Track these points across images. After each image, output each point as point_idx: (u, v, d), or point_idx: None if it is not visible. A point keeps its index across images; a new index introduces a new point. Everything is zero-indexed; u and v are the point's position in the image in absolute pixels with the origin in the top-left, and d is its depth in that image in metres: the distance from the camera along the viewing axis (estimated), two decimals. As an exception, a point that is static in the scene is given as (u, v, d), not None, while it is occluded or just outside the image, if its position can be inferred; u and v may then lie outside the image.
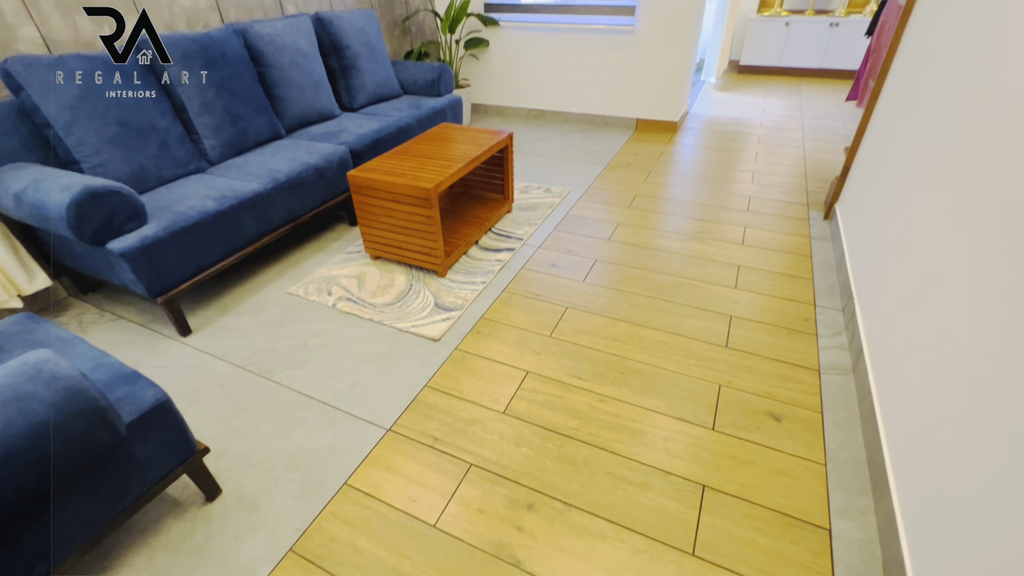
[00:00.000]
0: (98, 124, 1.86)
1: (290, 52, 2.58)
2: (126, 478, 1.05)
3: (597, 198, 2.84)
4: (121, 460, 1.03)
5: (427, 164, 2.09)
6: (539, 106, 4.22)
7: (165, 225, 1.75)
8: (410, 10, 3.91)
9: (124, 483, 1.06)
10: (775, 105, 4.49)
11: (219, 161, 2.29)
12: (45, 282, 1.97)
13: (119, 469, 1.03)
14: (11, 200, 1.67)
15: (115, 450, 1.01)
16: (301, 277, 2.22)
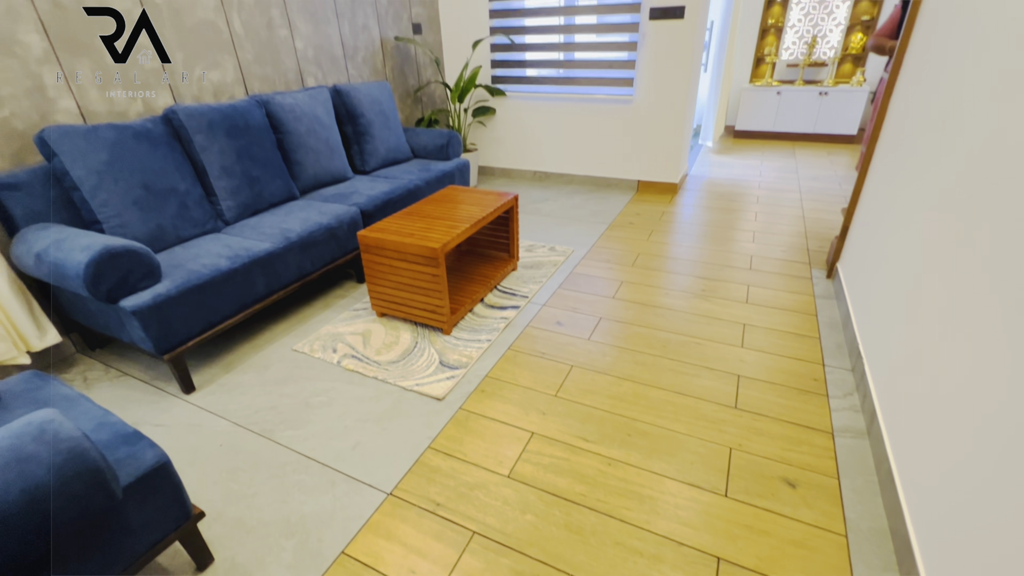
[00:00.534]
0: (123, 187, 1.95)
1: (308, 120, 2.74)
2: (117, 544, 1.02)
3: (601, 257, 2.89)
4: (114, 525, 1.00)
5: (435, 224, 2.16)
6: (543, 168, 4.39)
7: (178, 283, 1.79)
8: (422, 82, 4.17)
9: (115, 549, 1.02)
10: (771, 168, 4.65)
11: (235, 221, 2.38)
12: (55, 338, 1.99)
13: (110, 534, 1.00)
14: (32, 259, 1.73)
15: (109, 514, 0.98)
16: (307, 334, 2.23)
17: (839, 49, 5.42)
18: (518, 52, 4.05)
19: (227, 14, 2.56)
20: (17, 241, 1.80)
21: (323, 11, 3.12)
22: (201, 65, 2.49)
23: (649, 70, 3.62)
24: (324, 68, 3.21)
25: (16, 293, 1.86)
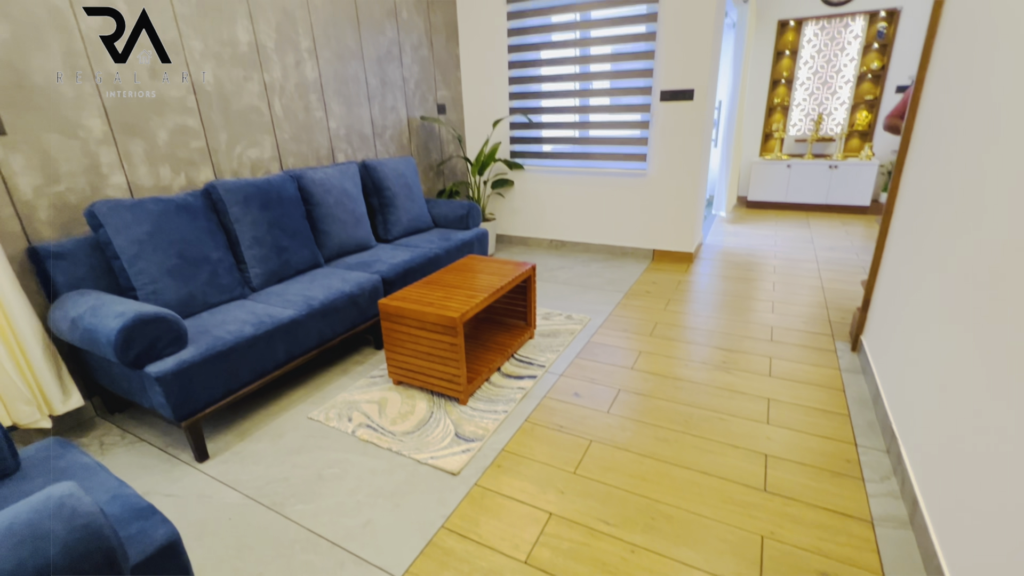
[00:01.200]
0: (160, 257, 2.05)
1: (337, 193, 2.89)
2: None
3: (618, 325, 2.89)
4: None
5: (454, 294, 2.20)
6: (560, 237, 4.49)
7: (203, 350, 1.83)
8: (445, 156, 4.41)
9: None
10: (786, 237, 4.69)
11: (261, 288, 2.45)
12: (78, 402, 2.02)
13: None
14: (67, 324, 1.79)
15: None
16: (323, 401, 2.22)
17: (845, 125, 5.63)
18: (535, 129, 4.29)
19: (270, 99, 2.79)
20: (56, 307, 1.88)
21: (356, 95, 3.38)
22: (243, 144, 2.68)
23: (661, 146, 3.79)
24: (354, 145, 3.43)
25: (47, 357, 1.91)
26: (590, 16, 3.85)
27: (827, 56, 5.53)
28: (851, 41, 5.39)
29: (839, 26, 5.39)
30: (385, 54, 3.57)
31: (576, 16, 3.87)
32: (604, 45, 3.80)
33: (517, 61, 4.15)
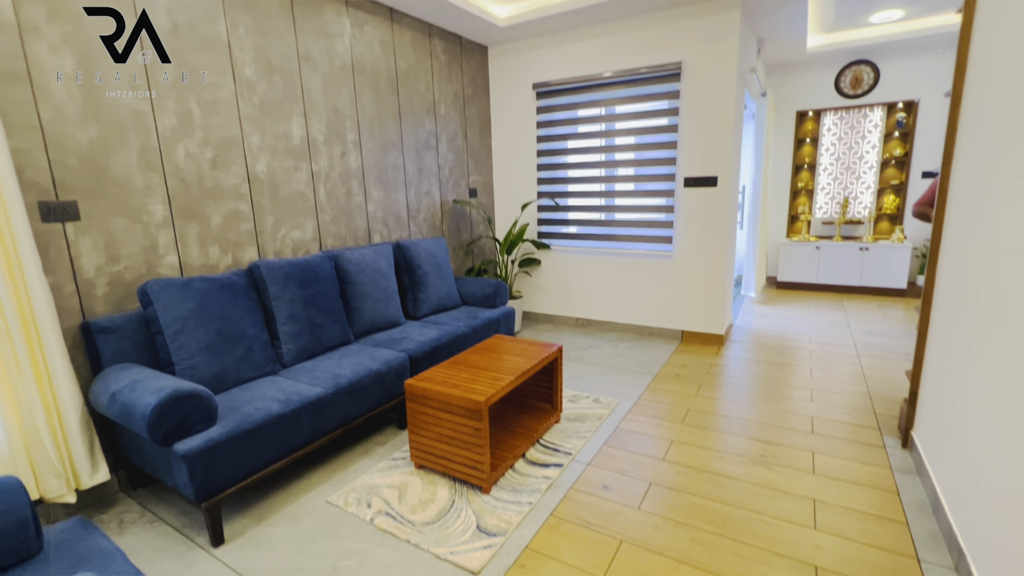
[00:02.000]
0: (201, 333, 2.14)
1: (371, 272, 3.01)
2: None
3: (648, 411, 2.79)
4: None
5: (480, 376, 2.19)
6: (586, 315, 4.49)
7: (230, 428, 1.84)
8: (474, 236, 4.58)
9: None
10: (820, 320, 4.57)
11: (292, 364, 2.50)
12: (105, 476, 2.03)
13: None
14: (107, 398, 1.85)
15: None
16: (343, 484, 2.17)
17: (873, 209, 5.64)
18: (562, 212, 4.45)
19: (315, 186, 3.01)
20: (99, 380, 1.95)
21: (394, 181, 3.61)
22: (287, 226, 2.86)
23: (687, 229, 3.85)
24: (390, 226, 3.61)
25: (83, 430, 1.95)
26: (615, 111, 4.11)
27: (848, 143, 5.68)
28: (871, 130, 5.55)
29: (858, 116, 5.58)
30: (423, 144, 3.85)
31: (601, 111, 4.14)
32: (628, 136, 4.02)
33: (545, 150, 4.41)
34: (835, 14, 4.28)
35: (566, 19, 3.79)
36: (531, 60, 4.28)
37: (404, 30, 3.57)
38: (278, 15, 2.73)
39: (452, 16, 3.64)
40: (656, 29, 3.69)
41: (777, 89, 5.82)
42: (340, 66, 3.12)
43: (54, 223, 1.97)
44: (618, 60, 3.88)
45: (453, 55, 4.07)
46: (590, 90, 4.06)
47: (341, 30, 3.10)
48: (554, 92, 4.23)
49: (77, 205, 2.02)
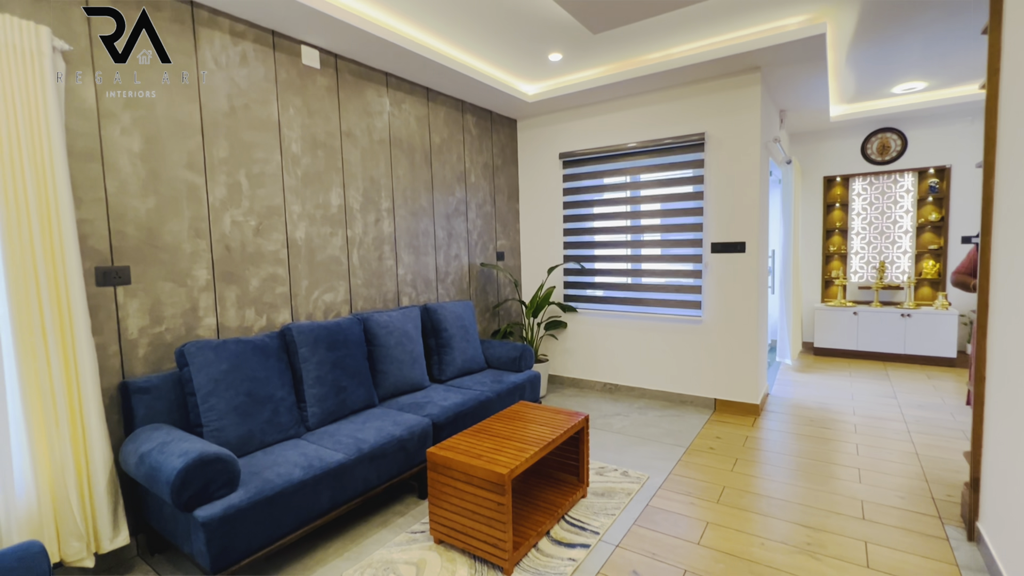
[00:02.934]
0: (230, 395, 2.17)
1: (398, 335, 3.04)
2: None
3: (680, 488, 2.63)
4: None
5: (504, 446, 2.13)
6: (614, 380, 4.38)
7: (251, 494, 1.82)
8: (500, 299, 4.62)
9: None
10: (864, 391, 4.32)
11: (316, 427, 2.50)
12: (124, 540, 2.01)
13: None
14: (135, 459, 1.87)
15: None
16: (360, 558, 2.08)
17: (912, 274, 5.46)
18: (588, 275, 4.48)
19: (349, 251, 3.14)
20: (129, 440, 1.98)
21: (424, 246, 3.73)
22: (320, 289, 2.96)
23: (716, 294, 3.80)
24: (418, 288, 3.69)
25: (109, 492, 1.97)
26: (640, 178, 4.21)
27: (880, 208, 5.61)
28: (903, 195, 5.48)
29: (888, 181, 5.54)
30: (453, 211, 4.00)
31: (627, 178, 4.25)
32: (654, 202, 4.09)
33: (572, 215, 4.51)
34: (856, 87, 4.39)
35: (591, 95, 3.99)
36: (558, 131, 4.49)
37: (439, 107, 3.82)
38: (324, 97, 2.98)
39: (484, 94, 3.89)
40: (679, 103, 3.85)
41: (803, 156, 5.88)
42: (378, 140, 3.33)
43: (107, 287, 2.09)
44: (642, 131, 4.03)
45: (484, 128, 4.31)
46: (615, 159, 4.20)
47: (381, 108, 3.35)
48: (580, 161, 4.39)
49: (129, 270, 2.16)
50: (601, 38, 3.17)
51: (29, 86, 1.78)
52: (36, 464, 1.80)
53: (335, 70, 3.03)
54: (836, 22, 3.06)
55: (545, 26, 2.99)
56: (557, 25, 2.97)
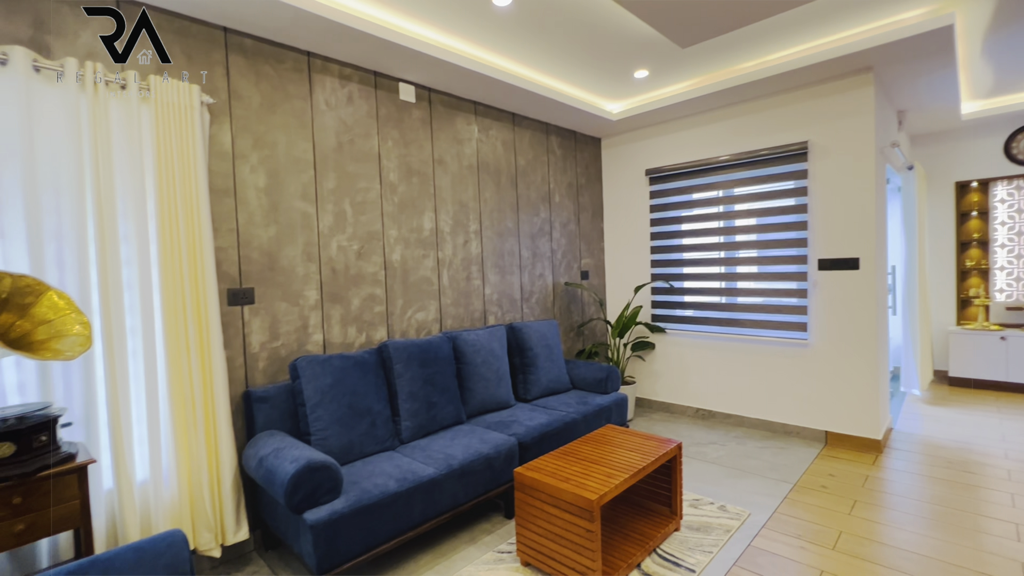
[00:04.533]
0: (334, 406, 2.35)
1: (484, 353, 3.11)
2: None
3: (788, 528, 2.39)
4: None
5: (592, 470, 2.08)
6: (707, 406, 4.12)
7: (351, 501, 1.94)
8: (585, 318, 4.57)
9: None
10: (1019, 431, 3.67)
11: (408, 440, 2.61)
12: (245, 535, 2.23)
13: None
14: (256, 462, 2.08)
15: None
16: (449, 572, 2.12)
17: (1079, 292, 4.59)
18: (678, 295, 4.29)
19: (440, 272, 3.29)
20: (250, 445, 2.21)
21: (510, 266, 3.81)
22: (413, 308, 3.13)
23: (824, 315, 3.46)
24: (504, 308, 3.76)
25: (234, 490, 2.19)
26: (733, 192, 3.99)
27: (1032, 216, 4.81)
28: (1063, 200, 4.67)
29: (1041, 185, 4.75)
30: (538, 231, 4.05)
31: (719, 192, 4.05)
32: (749, 217, 3.84)
33: (659, 232, 4.37)
34: (994, 80, 3.84)
35: (679, 109, 3.88)
36: (643, 148, 4.40)
37: (524, 131, 3.92)
38: (419, 128, 3.19)
39: (568, 115, 3.93)
40: (777, 111, 3.61)
41: (928, 160, 5.24)
42: (467, 166, 3.49)
43: (236, 306, 2.37)
44: (735, 143, 3.83)
45: (568, 148, 4.35)
46: (705, 173, 4.03)
47: (470, 135, 3.51)
48: (668, 176, 4.26)
49: (254, 291, 2.43)
50: (690, 51, 3.09)
51: (183, 135, 2.10)
52: (179, 462, 2.07)
53: (428, 103, 3.24)
54: (967, 10, 2.72)
55: (631, 45, 2.97)
56: (643, 42, 2.94)
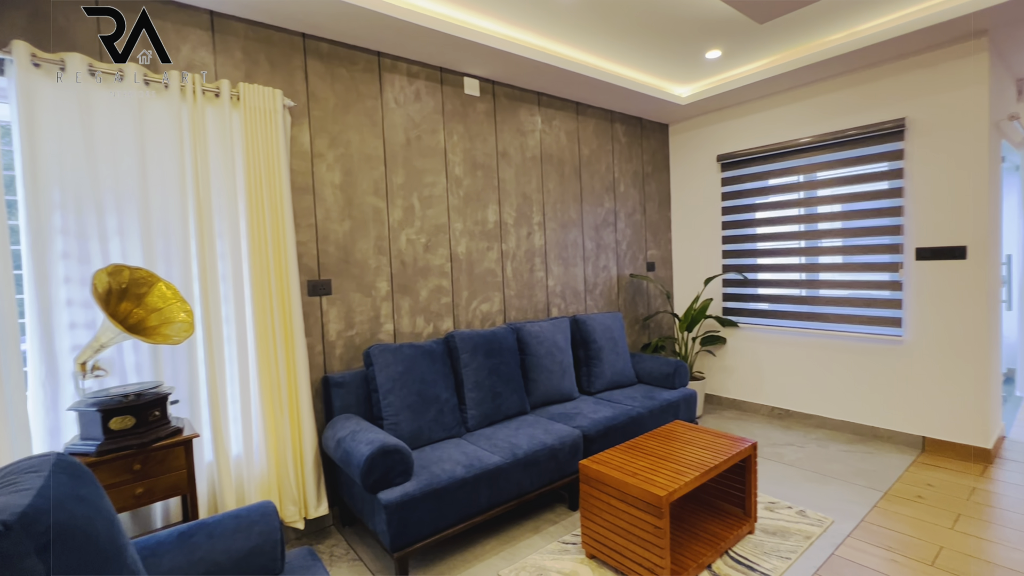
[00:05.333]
0: (404, 393, 2.45)
1: (548, 345, 3.11)
2: None
3: (878, 539, 2.21)
4: None
5: (659, 466, 2.03)
6: (784, 405, 3.89)
7: (421, 485, 2.02)
8: (651, 311, 4.44)
9: None
10: None
11: (474, 429, 2.67)
12: (325, 510, 2.38)
13: None
14: (334, 443, 2.21)
15: None
16: (513, 559, 2.16)
17: None
18: (751, 287, 4.06)
19: (503, 264, 3.32)
20: (329, 427, 2.36)
21: (574, 258, 3.77)
22: (478, 300, 3.18)
23: (923, 309, 3.14)
24: (567, 299, 3.74)
25: (315, 468, 2.35)
26: (816, 177, 3.70)
27: None
28: None
29: None
30: (602, 222, 3.98)
31: (799, 178, 3.77)
32: (833, 203, 3.55)
33: (731, 221, 4.15)
34: None
35: (755, 89, 3.65)
36: (714, 132, 4.19)
37: (588, 120, 3.85)
38: (483, 122, 3.22)
39: (633, 101, 3.81)
40: (867, 86, 3.30)
41: (1053, 133, 4.58)
42: (530, 157, 3.48)
43: (314, 297, 2.52)
44: (818, 123, 3.55)
45: (633, 136, 4.22)
46: (784, 157, 3.76)
47: (533, 127, 3.49)
48: (742, 162, 4.03)
49: (331, 283, 2.57)
50: (768, 27, 2.89)
51: (268, 137, 2.25)
52: (267, 440, 2.24)
53: (492, 96, 3.26)
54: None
55: (702, 24, 2.82)
56: (716, 21, 2.79)
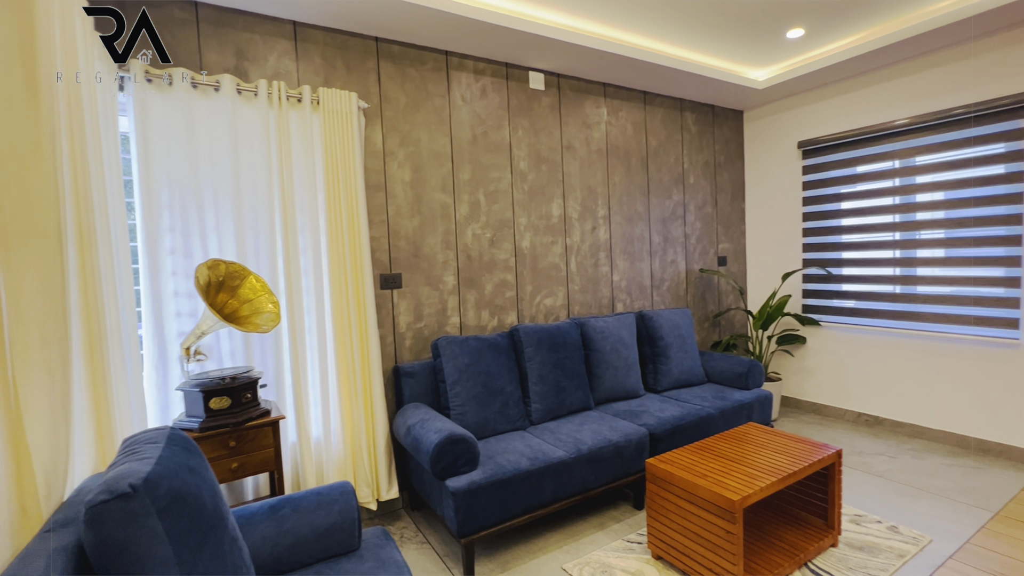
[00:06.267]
0: (470, 384, 2.50)
1: (613, 340, 3.06)
2: None
3: (986, 564, 1.99)
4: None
5: (732, 469, 1.94)
6: (872, 412, 3.59)
7: (487, 474, 2.06)
8: (722, 308, 4.25)
9: None
10: None
11: (538, 422, 2.69)
12: (395, 494, 2.50)
13: None
14: (404, 430, 2.31)
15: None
16: (578, 554, 2.16)
17: None
18: (835, 283, 3.76)
19: (567, 259, 3.30)
20: (400, 414, 2.46)
21: (639, 252, 3.68)
22: (542, 294, 3.19)
23: (1045, 310, 2.78)
24: (633, 295, 3.65)
25: (386, 453, 2.47)
26: (914, 162, 3.36)
27: None
28: None
29: None
30: (670, 215, 3.85)
31: (894, 163, 3.44)
32: (934, 191, 3.21)
33: (813, 212, 3.87)
34: None
35: (841, 69, 3.37)
36: (795, 117, 3.91)
37: (656, 109, 3.73)
38: (548, 116, 3.21)
39: (705, 88, 3.64)
40: (979, 59, 2.95)
41: None
42: (596, 150, 3.43)
43: (386, 290, 2.64)
44: (916, 103, 3.22)
45: (704, 125, 4.04)
46: (876, 142, 3.45)
47: (599, 119, 3.44)
48: (826, 148, 3.74)
49: (401, 277, 2.68)
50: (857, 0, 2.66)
51: (344, 138, 2.38)
52: (344, 425, 2.38)
53: (557, 89, 3.24)
54: None
55: (782, 1, 2.64)
56: (800, -4, 2.60)
